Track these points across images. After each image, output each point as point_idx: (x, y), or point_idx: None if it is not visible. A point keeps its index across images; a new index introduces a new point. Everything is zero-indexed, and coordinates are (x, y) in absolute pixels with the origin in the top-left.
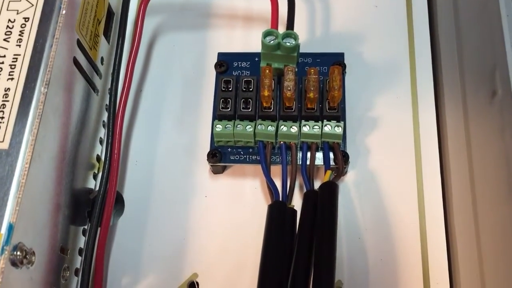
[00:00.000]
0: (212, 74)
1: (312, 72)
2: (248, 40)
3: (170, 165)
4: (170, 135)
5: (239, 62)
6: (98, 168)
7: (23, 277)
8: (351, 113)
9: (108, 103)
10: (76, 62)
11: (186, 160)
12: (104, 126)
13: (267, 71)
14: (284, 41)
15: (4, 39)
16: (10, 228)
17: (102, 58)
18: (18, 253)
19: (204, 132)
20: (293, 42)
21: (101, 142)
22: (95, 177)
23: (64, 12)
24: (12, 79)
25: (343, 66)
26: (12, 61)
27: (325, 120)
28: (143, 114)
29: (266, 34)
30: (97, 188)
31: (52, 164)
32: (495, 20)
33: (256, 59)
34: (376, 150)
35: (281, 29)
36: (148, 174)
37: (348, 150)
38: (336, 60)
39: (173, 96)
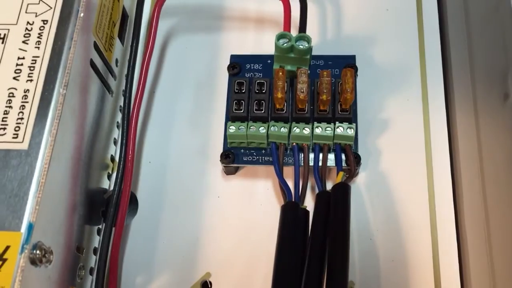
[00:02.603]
0: (224, 75)
1: (325, 75)
2: (260, 42)
3: (183, 166)
4: (183, 136)
5: (252, 64)
6: (112, 169)
7: (42, 275)
8: (362, 115)
9: (122, 105)
10: (92, 64)
11: (199, 161)
12: (118, 127)
13: (281, 73)
14: (297, 43)
15: (23, 41)
16: (30, 227)
17: (116, 60)
18: (38, 252)
19: (217, 133)
20: (306, 45)
21: (115, 142)
22: (109, 177)
23: (82, 15)
24: (31, 80)
25: (355, 69)
26: (31, 63)
27: (337, 122)
28: (157, 115)
29: (280, 36)
30: (112, 188)
31: (69, 164)
32: (507, 22)
33: (269, 61)
34: (387, 152)
35: (293, 31)
36: (162, 174)
37: (360, 152)
38: (348, 63)
39: (186, 97)
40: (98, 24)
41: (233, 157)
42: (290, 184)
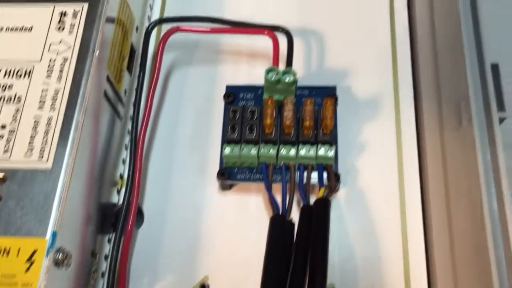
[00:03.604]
0: (220, 103)
1: (308, 103)
2: (252, 73)
3: (184, 182)
4: (184, 156)
5: (245, 93)
6: (121, 185)
7: (63, 276)
8: (342, 138)
9: (130, 128)
10: (105, 94)
11: (198, 178)
12: (126, 148)
13: (269, 102)
14: (284, 77)
15: (47, 76)
16: (54, 235)
17: (125, 90)
18: (60, 255)
19: (213, 154)
20: (292, 78)
21: (123, 162)
22: (118, 192)
23: (97, 53)
24: (54, 109)
25: (335, 98)
26: (54, 95)
27: (319, 144)
28: (161, 137)
29: (268, 71)
30: (121, 202)
31: (85, 181)
32: (459, 60)
33: (260, 91)
34: (364, 170)
35: (282, 63)
36: (165, 190)
37: (340, 170)
38: (329, 93)
39: (187, 122)
40: (110, 60)
41: (228, 175)
42: (279, 198)
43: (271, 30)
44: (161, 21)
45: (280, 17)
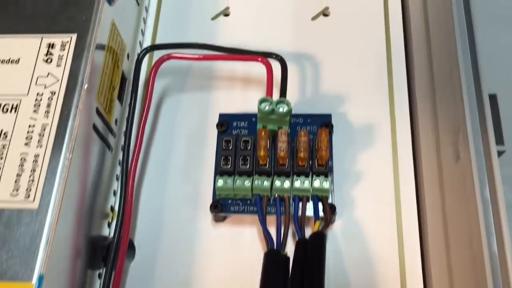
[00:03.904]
0: (214, 130)
1: (303, 134)
2: (246, 100)
3: (176, 214)
4: (176, 186)
5: (238, 122)
6: (112, 217)
7: None
8: (338, 167)
9: (121, 158)
10: (94, 127)
11: (191, 209)
12: (117, 179)
13: (263, 133)
14: (277, 107)
15: (34, 111)
16: (41, 278)
17: (116, 120)
18: None
19: (206, 184)
20: (286, 109)
21: (114, 193)
22: (109, 225)
23: (85, 86)
24: (41, 146)
25: (331, 127)
26: (41, 131)
27: (314, 176)
28: (153, 167)
29: (262, 101)
30: (111, 236)
31: (74, 217)
32: (457, 89)
33: (253, 119)
34: (360, 200)
35: (276, 89)
36: (157, 221)
37: (336, 201)
38: (324, 121)
39: (179, 151)
40: (100, 91)
41: (221, 207)
42: (273, 230)
43: (264, 57)
44: (153, 48)
45: (274, 41)
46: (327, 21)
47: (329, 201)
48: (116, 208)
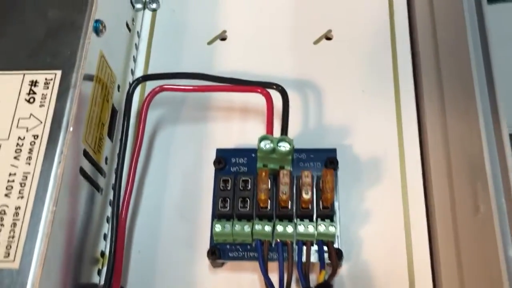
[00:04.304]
0: (211, 165)
1: (306, 175)
2: (245, 131)
3: (171, 257)
4: (171, 227)
5: (237, 158)
6: (102, 264)
7: None
8: (344, 206)
9: (112, 198)
10: (82, 170)
11: (187, 252)
12: (108, 221)
13: (264, 174)
14: (278, 145)
15: (15, 157)
16: None
17: (106, 158)
18: None
19: (203, 225)
20: (288, 148)
21: (105, 237)
22: (99, 272)
23: (71, 129)
24: (22, 197)
25: (336, 163)
26: (22, 180)
27: (319, 219)
28: (146, 206)
29: (262, 139)
30: (102, 283)
31: (60, 269)
32: (476, 140)
33: (253, 155)
34: (369, 241)
35: (277, 121)
36: (150, 266)
37: (342, 243)
38: (329, 157)
39: (174, 189)
40: (87, 132)
41: (219, 253)
42: (275, 278)
43: (264, 87)
44: (144, 78)
45: (274, 67)
46: (330, 45)
47: (335, 245)
48: (107, 253)
